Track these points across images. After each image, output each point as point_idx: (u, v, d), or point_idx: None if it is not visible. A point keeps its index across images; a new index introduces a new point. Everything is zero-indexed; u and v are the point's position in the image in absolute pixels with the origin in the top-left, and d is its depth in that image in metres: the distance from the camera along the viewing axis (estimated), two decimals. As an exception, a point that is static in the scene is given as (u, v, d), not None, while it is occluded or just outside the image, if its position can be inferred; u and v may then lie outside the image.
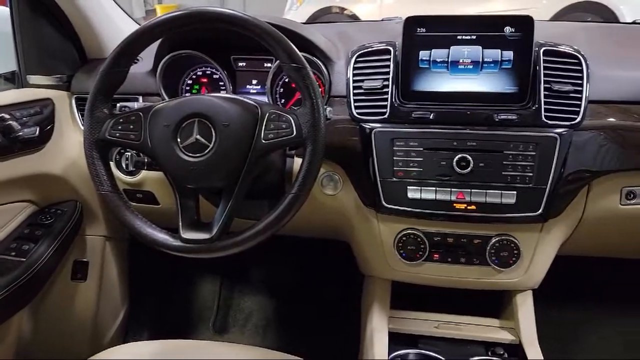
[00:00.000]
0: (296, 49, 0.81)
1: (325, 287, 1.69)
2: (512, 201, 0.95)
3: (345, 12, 4.53)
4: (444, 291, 1.11)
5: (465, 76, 0.98)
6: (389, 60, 1.00)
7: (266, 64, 1.16)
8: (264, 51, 0.84)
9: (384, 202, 0.99)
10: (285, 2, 4.97)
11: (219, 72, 1.17)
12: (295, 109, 0.82)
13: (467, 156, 0.94)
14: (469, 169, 0.95)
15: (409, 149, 0.97)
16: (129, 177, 1.18)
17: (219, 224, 0.81)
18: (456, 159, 0.95)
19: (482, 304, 1.15)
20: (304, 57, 0.82)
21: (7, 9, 1.18)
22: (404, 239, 1.04)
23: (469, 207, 0.96)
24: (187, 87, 1.21)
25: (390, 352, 1.03)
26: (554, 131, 0.93)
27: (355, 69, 1.02)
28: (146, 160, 0.96)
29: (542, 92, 0.94)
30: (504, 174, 0.95)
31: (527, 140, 0.94)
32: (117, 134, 0.83)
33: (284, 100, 1.16)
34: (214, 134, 0.80)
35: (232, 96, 0.84)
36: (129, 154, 1.10)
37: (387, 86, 0.99)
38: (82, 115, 1.19)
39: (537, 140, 0.93)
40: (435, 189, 0.97)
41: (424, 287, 1.12)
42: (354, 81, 1.02)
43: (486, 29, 0.96)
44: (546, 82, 0.95)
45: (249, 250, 0.82)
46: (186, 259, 0.84)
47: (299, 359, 0.93)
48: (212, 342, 1.03)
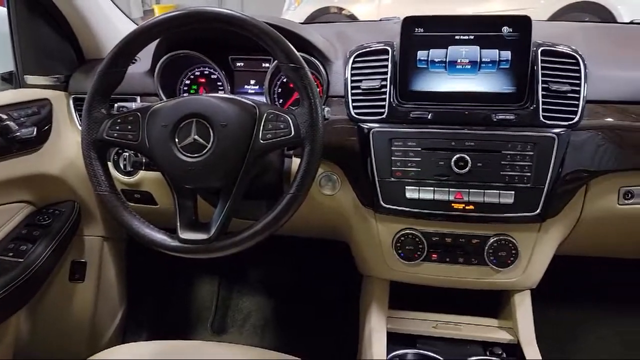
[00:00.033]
0: (294, 49, 0.81)
1: (323, 287, 1.69)
2: (510, 201, 0.95)
3: (343, 12, 4.53)
4: (442, 291, 1.11)
5: (463, 76, 0.98)
6: (387, 60, 1.01)
7: (264, 64, 1.16)
8: (262, 51, 0.84)
9: (382, 202, 0.99)
10: (283, 2, 4.96)
11: (217, 72, 1.17)
12: (293, 109, 0.82)
13: (465, 156, 0.94)
14: (467, 169, 0.95)
15: (407, 149, 0.97)
16: (126, 177, 1.18)
17: (217, 224, 0.81)
18: (454, 159, 0.95)
19: (481, 304, 1.15)
20: (302, 57, 0.82)
21: (4, 9, 1.18)
22: (402, 239, 1.04)
23: (467, 207, 0.96)
24: (185, 87, 1.21)
25: (388, 352, 1.03)
26: (552, 131, 0.93)
27: (353, 69, 1.02)
28: (144, 160, 0.96)
29: (540, 92, 0.95)
30: (502, 173, 0.95)
31: (525, 140, 0.94)
32: (115, 134, 0.83)
33: (282, 100, 1.16)
34: (211, 134, 0.80)
35: (230, 96, 0.84)
36: (127, 154, 1.09)
37: (385, 86, 0.99)
38: (80, 115, 1.19)
39: (535, 140, 0.93)
40: (433, 189, 0.97)
41: (423, 287, 1.12)
42: (352, 81, 1.02)
43: (484, 29, 0.96)
44: (544, 82, 0.95)
45: (247, 250, 0.82)
46: (184, 259, 0.84)
47: (297, 359, 0.93)
48: (210, 343, 1.03)
